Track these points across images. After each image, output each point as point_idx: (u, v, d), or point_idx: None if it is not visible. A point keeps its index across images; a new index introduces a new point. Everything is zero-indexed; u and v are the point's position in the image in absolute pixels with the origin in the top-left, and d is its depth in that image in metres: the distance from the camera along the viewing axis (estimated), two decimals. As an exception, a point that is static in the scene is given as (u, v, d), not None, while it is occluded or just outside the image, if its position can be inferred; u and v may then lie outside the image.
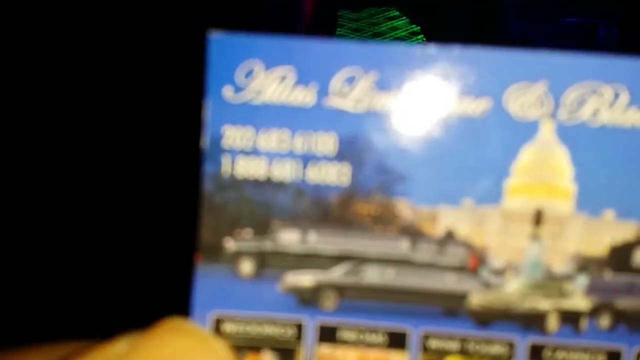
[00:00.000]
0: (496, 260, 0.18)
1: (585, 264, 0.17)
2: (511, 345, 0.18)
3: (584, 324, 0.18)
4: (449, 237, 0.18)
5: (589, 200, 0.17)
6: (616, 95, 0.17)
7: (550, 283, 0.18)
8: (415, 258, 0.18)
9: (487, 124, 0.17)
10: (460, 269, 0.18)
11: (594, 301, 0.18)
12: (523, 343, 0.18)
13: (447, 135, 0.17)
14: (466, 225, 0.18)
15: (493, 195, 0.17)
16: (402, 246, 0.18)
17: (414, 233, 0.18)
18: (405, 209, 0.18)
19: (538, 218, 0.17)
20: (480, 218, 0.18)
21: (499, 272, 0.18)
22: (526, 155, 0.17)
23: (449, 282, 0.18)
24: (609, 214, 0.17)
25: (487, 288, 0.18)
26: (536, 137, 0.17)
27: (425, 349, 0.18)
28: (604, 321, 0.18)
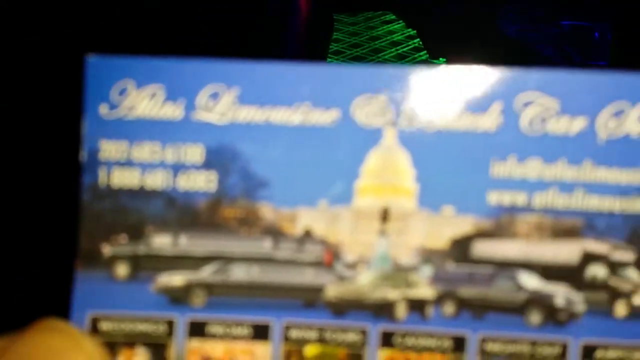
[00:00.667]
0: (349, 255, 0.19)
1: (428, 256, 0.19)
2: (364, 333, 0.19)
3: (430, 311, 0.19)
4: (307, 235, 0.20)
5: (430, 198, 0.19)
6: (451, 102, 0.19)
7: (398, 274, 0.19)
8: (277, 256, 0.20)
9: (337, 132, 0.19)
10: (317, 264, 0.20)
11: (438, 290, 0.19)
12: (375, 330, 0.19)
13: (303, 143, 0.19)
14: (322, 224, 0.19)
15: (345, 196, 0.19)
16: (265, 245, 0.20)
17: (275, 233, 0.19)
18: (267, 211, 0.19)
19: (385, 215, 0.19)
20: (334, 217, 0.19)
21: (352, 266, 0.19)
22: (372, 159, 0.19)
23: (308, 277, 0.20)
24: (448, 210, 0.19)
25: (341, 281, 0.19)
26: (380, 142, 0.19)
27: (286, 339, 0.19)
28: (449, 308, 0.19)
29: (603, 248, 0.19)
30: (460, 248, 0.19)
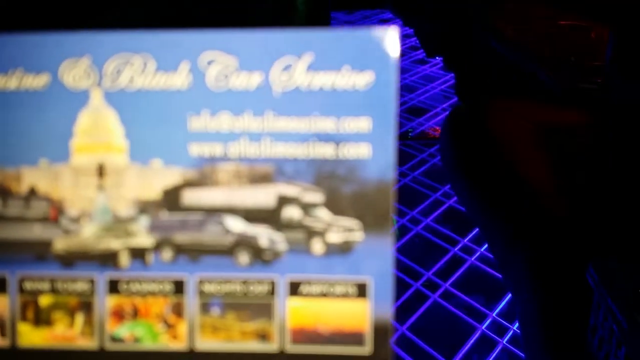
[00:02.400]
0: (72, 210, 0.21)
1: (144, 207, 0.21)
2: (92, 282, 0.21)
3: (150, 258, 0.21)
4: (32, 193, 0.21)
5: (139, 153, 0.20)
6: (144, 64, 0.20)
7: (118, 225, 0.21)
8: (6, 213, 0.21)
9: (50, 95, 0.20)
10: (44, 219, 0.21)
11: (156, 238, 0.21)
12: (102, 279, 0.21)
13: (19, 106, 0.20)
14: (45, 182, 0.21)
15: (63, 155, 0.21)
16: None
17: (2, 192, 0.21)
18: (-8, 172, 0.21)
19: (101, 171, 0.21)
20: (55, 175, 0.21)
21: (76, 220, 0.21)
22: (83, 120, 0.20)
23: (36, 232, 0.21)
24: (157, 163, 0.21)
25: (67, 234, 0.21)
26: (88, 103, 0.20)
27: (22, 291, 0.21)
28: (167, 254, 0.21)
29: (294, 191, 0.20)
30: (171, 198, 0.21)
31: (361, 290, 0.20)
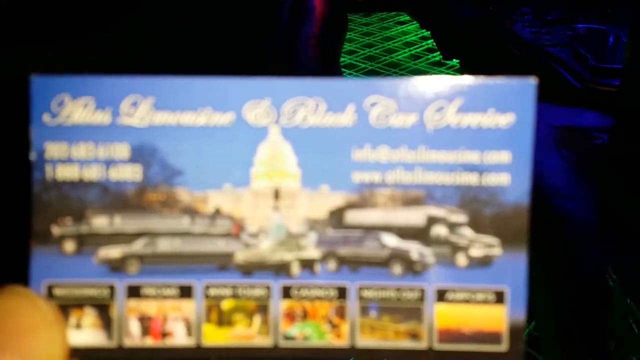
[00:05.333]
0: (251, 227, 0.25)
1: (313, 225, 0.24)
2: (268, 288, 0.25)
3: (318, 268, 0.25)
4: (217, 213, 0.25)
5: (310, 179, 0.24)
6: (317, 105, 0.24)
7: (291, 240, 0.25)
8: (194, 230, 0.25)
9: (234, 130, 0.24)
10: (227, 235, 0.25)
11: (322, 251, 0.25)
12: (276, 285, 0.25)
13: (207, 139, 0.24)
14: (228, 203, 0.24)
15: (244, 181, 0.24)
16: (183, 222, 0.25)
17: (191, 212, 0.25)
18: (183, 194, 0.24)
19: (276, 194, 0.24)
20: (237, 197, 0.24)
21: (254, 235, 0.25)
22: (262, 151, 0.24)
23: (220, 246, 0.25)
24: (324, 188, 0.24)
25: (247, 247, 0.25)
26: (267, 137, 0.24)
27: (207, 296, 0.25)
28: (331, 265, 0.25)
29: (441, 212, 0.24)
30: (336, 217, 0.24)
31: (499, 297, 0.24)
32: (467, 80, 0.23)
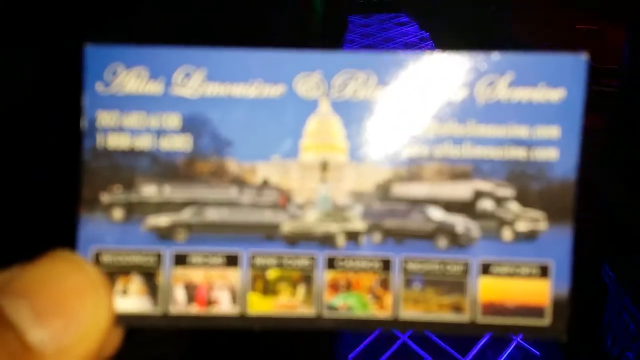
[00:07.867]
0: (298, 198, 0.25)
1: (359, 197, 0.25)
2: (313, 259, 0.25)
3: (363, 240, 0.25)
4: (265, 184, 0.25)
5: (357, 153, 0.24)
6: (367, 79, 0.24)
7: (336, 212, 0.25)
8: (242, 200, 0.25)
9: (284, 103, 0.24)
10: (274, 206, 0.25)
11: (368, 223, 0.25)
12: (321, 256, 0.25)
13: (258, 111, 0.24)
14: (276, 174, 0.25)
15: (292, 152, 0.25)
16: (232, 192, 0.25)
17: (239, 182, 0.25)
18: (232, 165, 0.25)
19: (324, 167, 0.25)
20: (285, 169, 0.25)
21: (301, 207, 0.25)
22: (312, 124, 0.24)
23: (267, 216, 0.25)
24: (372, 161, 0.25)
25: (293, 219, 0.25)
26: (317, 110, 0.24)
27: (252, 265, 0.25)
28: (376, 237, 0.25)
29: (488, 186, 0.24)
30: (383, 190, 0.25)
31: (543, 271, 0.24)
32: (519, 55, 0.24)
